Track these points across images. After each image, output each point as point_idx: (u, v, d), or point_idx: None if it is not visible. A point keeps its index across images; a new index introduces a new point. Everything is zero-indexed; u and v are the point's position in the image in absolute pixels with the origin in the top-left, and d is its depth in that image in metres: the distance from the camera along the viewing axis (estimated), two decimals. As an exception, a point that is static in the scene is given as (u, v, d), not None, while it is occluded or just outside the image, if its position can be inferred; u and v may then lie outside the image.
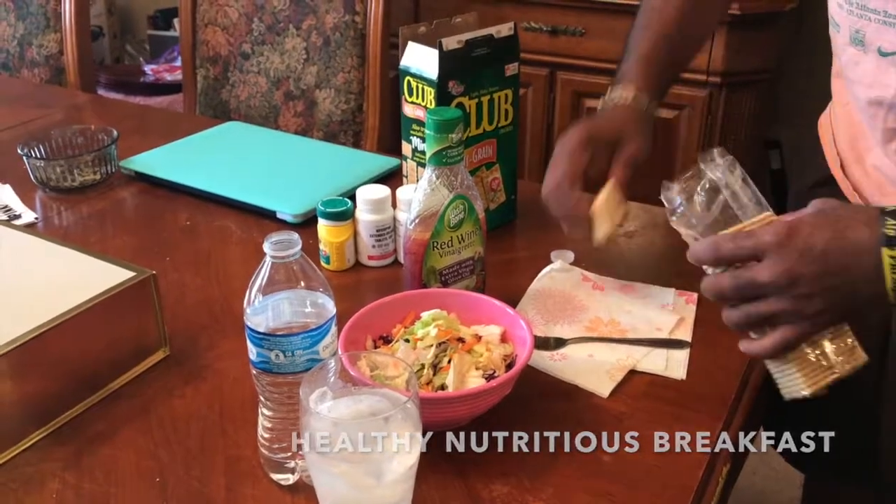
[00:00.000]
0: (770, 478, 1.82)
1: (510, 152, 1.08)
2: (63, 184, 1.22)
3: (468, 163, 1.04)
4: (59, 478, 0.71)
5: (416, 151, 1.03)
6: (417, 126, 1.02)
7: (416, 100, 1.01)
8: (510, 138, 1.07)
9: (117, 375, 0.82)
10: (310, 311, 0.66)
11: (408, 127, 1.04)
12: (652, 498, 0.68)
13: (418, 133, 1.02)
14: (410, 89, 1.01)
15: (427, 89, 0.99)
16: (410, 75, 1.00)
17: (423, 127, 1.00)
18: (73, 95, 1.75)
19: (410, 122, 1.03)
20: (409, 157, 1.05)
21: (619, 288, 0.96)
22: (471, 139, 1.02)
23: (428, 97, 0.99)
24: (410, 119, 1.03)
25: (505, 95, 1.04)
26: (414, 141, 1.03)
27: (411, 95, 1.01)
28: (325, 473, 0.55)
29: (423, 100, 1.00)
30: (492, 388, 0.73)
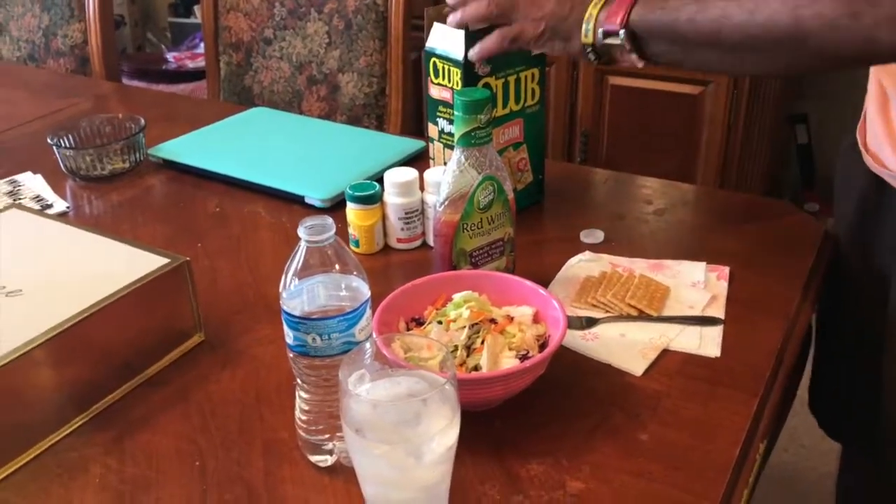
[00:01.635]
0: (800, 455, 1.81)
1: (537, 132, 1.07)
2: (93, 173, 1.23)
3: (495, 143, 1.03)
4: (101, 462, 0.73)
5: (443, 133, 1.03)
6: (444, 108, 1.01)
7: (443, 81, 1.00)
8: (537, 117, 1.06)
9: (154, 361, 0.83)
10: (344, 294, 0.67)
11: (434, 108, 1.03)
12: (691, 476, 0.68)
13: (445, 114, 1.02)
14: (437, 70, 1.01)
15: (453, 70, 0.98)
16: (436, 56, 1.00)
17: (449, 108, 1.00)
18: (99, 84, 1.76)
19: (437, 104, 1.02)
20: (435, 138, 1.05)
21: (649, 268, 0.96)
22: (498, 119, 1.02)
23: (454, 78, 0.98)
24: (437, 100, 1.02)
25: (532, 74, 1.03)
26: (440, 123, 1.03)
27: (437, 77, 1.01)
28: (365, 455, 0.56)
29: (449, 81, 0.99)
30: (526, 368, 0.73)
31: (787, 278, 0.93)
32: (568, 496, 0.67)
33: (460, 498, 0.66)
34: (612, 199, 1.17)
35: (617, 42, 0.84)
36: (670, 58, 0.83)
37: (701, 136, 1.94)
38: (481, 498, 0.67)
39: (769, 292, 0.91)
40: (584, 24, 0.86)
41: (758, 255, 0.97)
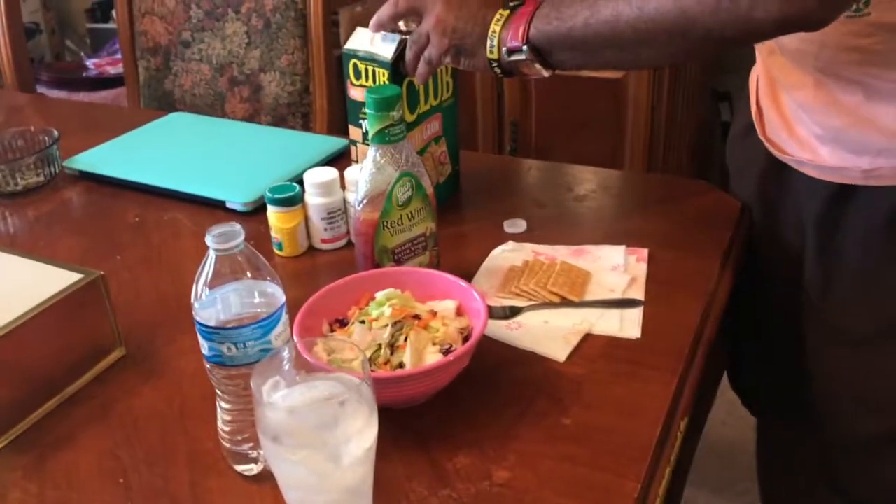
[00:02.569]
0: (739, 428, 1.85)
1: (453, 124, 1.08)
2: (6, 188, 1.20)
3: (419, 140, 1.03)
4: (20, 487, 0.71)
5: (367, 135, 1.02)
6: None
7: (365, 82, 0.99)
8: (452, 110, 1.07)
9: (74, 379, 0.82)
10: (259, 301, 0.66)
11: (356, 110, 1.02)
12: (614, 457, 0.69)
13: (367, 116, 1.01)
14: (357, 72, 1.00)
15: (379, 71, 0.97)
16: (358, 58, 0.99)
17: None
18: (12, 96, 1.71)
19: (359, 106, 1.01)
20: (358, 141, 1.04)
21: (570, 254, 0.97)
22: (421, 116, 1.02)
23: (380, 79, 0.98)
24: (358, 103, 1.01)
25: (446, 68, 1.03)
26: (364, 124, 1.02)
27: (358, 78, 1.00)
28: (284, 461, 0.55)
29: (373, 82, 0.99)
30: (448, 362, 0.73)
31: (705, 256, 0.95)
32: (494, 486, 0.67)
33: (386, 496, 0.66)
34: (534, 187, 1.18)
35: (522, 57, 0.85)
36: (574, 63, 0.85)
37: (626, 119, 1.97)
38: (409, 494, 0.67)
39: (687, 271, 0.93)
40: (489, 40, 0.87)
41: (676, 235, 0.99)
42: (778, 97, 0.93)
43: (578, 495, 0.66)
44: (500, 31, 0.86)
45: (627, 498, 0.66)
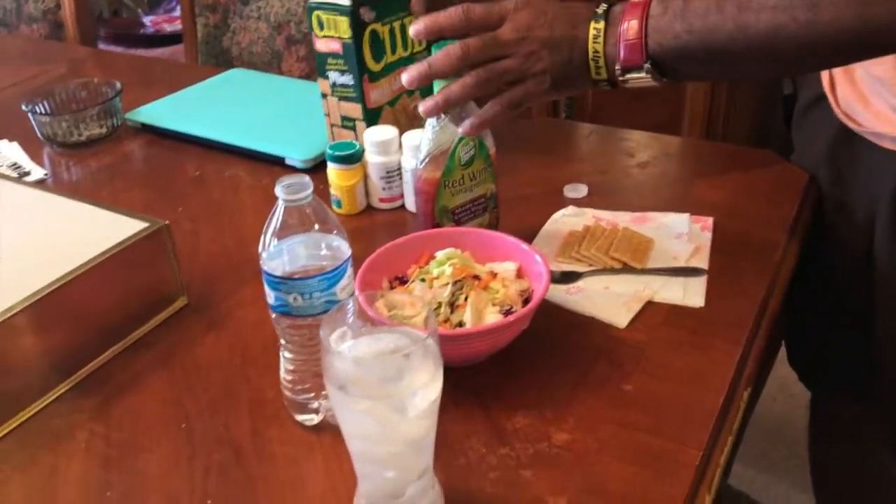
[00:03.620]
0: (789, 404, 1.83)
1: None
2: (70, 139, 1.21)
3: (388, 92, 1.03)
4: (87, 428, 0.73)
5: (336, 86, 1.02)
6: (334, 59, 1.00)
7: (329, 32, 0.98)
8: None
9: (138, 325, 0.83)
10: (325, 253, 0.66)
11: (323, 63, 1.01)
12: (676, 424, 0.68)
13: (335, 66, 1.00)
14: (321, 23, 0.98)
15: (339, 19, 0.97)
16: (320, 9, 0.98)
17: (338, 59, 0.99)
18: (74, 50, 1.73)
19: (325, 57, 1.00)
20: (328, 93, 1.03)
21: (632, 220, 0.95)
22: (388, 66, 1.02)
23: (342, 27, 0.97)
24: (325, 53, 1.00)
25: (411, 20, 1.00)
26: (331, 76, 1.01)
27: (322, 29, 0.99)
28: (350, 411, 0.56)
29: (336, 31, 0.98)
30: (510, 322, 0.73)
31: (771, 227, 0.93)
32: (553, 447, 0.67)
33: (446, 451, 0.67)
34: (595, 153, 1.16)
35: (640, 75, 0.76)
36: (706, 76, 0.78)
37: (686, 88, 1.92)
38: (467, 451, 0.67)
39: (753, 241, 0.91)
40: (591, 62, 0.77)
41: (742, 205, 0.97)
42: (852, 70, 0.90)
43: (639, 461, 0.66)
44: (602, 49, 0.75)
45: (688, 466, 0.65)
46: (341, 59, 0.99)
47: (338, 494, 0.64)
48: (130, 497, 0.65)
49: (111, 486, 0.66)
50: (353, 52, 0.98)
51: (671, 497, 0.62)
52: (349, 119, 1.03)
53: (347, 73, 1.00)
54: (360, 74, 0.99)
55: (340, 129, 1.05)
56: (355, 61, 0.98)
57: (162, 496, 0.65)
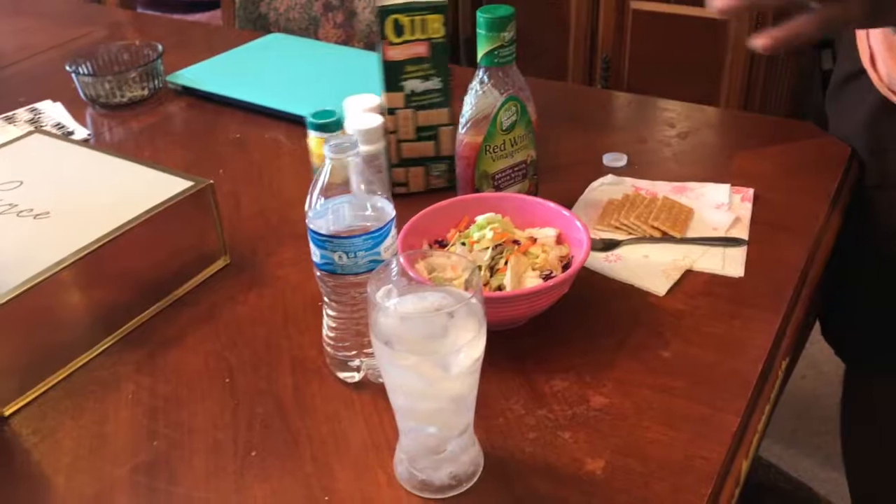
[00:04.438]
0: (819, 381, 1.82)
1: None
2: (112, 100, 1.23)
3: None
4: (133, 380, 0.74)
5: (415, 95, 0.92)
6: (414, 65, 0.91)
7: (413, 36, 0.89)
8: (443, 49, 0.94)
9: (181, 283, 0.85)
10: (370, 213, 0.67)
11: (396, 73, 0.91)
12: (714, 391, 0.69)
13: (416, 73, 0.91)
14: (400, 28, 0.88)
15: (431, 18, 0.88)
16: (401, 11, 0.88)
17: (422, 64, 0.90)
18: (113, 13, 1.75)
19: (401, 66, 0.91)
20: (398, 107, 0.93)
21: (672, 190, 0.95)
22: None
23: (433, 26, 0.89)
24: (401, 62, 0.90)
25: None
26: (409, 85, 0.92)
27: (400, 34, 0.89)
28: (394, 366, 0.57)
29: (424, 32, 0.89)
30: (549, 286, 0.73)
31: (811, 199, 0.92)
32: (591, 410, 0.68)
33: (485, 411, 0.67)
34: (634, 122, 1.15)
35: None
36: None
37: (724, 61, 1.90)
38: (506, 412, 0.68)
39: (793, 213, 0.90)
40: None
41: (782, 177, 0.97)
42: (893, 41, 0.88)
43: (676, 425, 0.66)
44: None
45: (726, 431, 0.65)
46: (427, 62, 0.90)
47: (378, 449, 0.65)
48: (177, 446, 0.67)
49: (158, 436, 0.68)
50: (446, 52, 0.90)
51: (709, 461, 0.63)
52: (430, 128, 0.94)
53: (434, 76, 0.91)
54: (447, 75, 0.92)
55: (414, 143, 0.95)
56: (446, 61, 0.91)
57: (208, 446, 0.67)
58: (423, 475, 0.61)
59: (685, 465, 0.63)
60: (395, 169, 0.96)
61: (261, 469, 0.64)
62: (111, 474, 0.65)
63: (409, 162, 0.97)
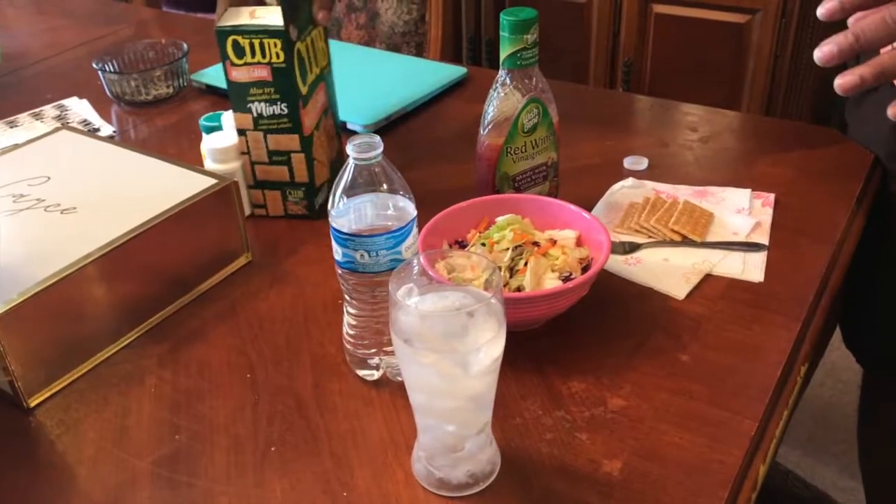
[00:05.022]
0: (838, 390, 1.81)
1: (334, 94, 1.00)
2: (137, 98, 1.24)
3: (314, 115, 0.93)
4: (155, 374, 0.75)
5: (262, 118, 0.90)
6: (258, 88, 0.88)
7: (254, 59, 0.87)
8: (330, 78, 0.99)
9: (204, 279, 0.86)
10: (391, 213, 0.67)
11: (242, 94, 0.89)
12: (732, 396, 0.69)
13: (260, 96, 0.89)
14: (240, 50, 0.86)
15: (269, 42, 0.86)
16: (238, 33, 0.86)
17: (266, 88, 0.88)
18: (139, 11, 1.76)
19: (246, 87, 0.89)
20: (248, 128, 0.91)
21: (693, 194, 0.95)
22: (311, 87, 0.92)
23: (273, 51, 0.86)
24: (246, 84, 0.89)
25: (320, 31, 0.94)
26: (256, 107, 0.90)
27: (241, 56, 0.87)
28: (414, 364, 0.57)
29: (264, 56, 0.87)
30: (569, 288, 0.73)
31: (833, 205, 0.92)
32: (608, 412, 0.68)
33: (503, 412, 0.68)
34: (655, 126, 1.15)
35: None
36: None
37: (747, 65, 1.89)
38: (523, 412, 0.68)
39: (815, 218, 0.90)
40: None
41: (804, 182, 0.96)
42: None
43: (694, 429, 0.66)
44: None
45: (744, 436, 0.65)
46: (271, 86, 0.88)
47: (397, 446, 0.66)
48: (198, 440, 0.68)
49: (179, 430, 0.69)
50: (289, 77, 0.87)
51: (726, 465, 0.63)
52: (281, 153, 0.92)
53: (280, 101, 0.88)
54: (295, 101, 0.89)
55: (268, 166, 0.93)
56: (290, 87, 0.88)
57: (228, 440, 0.67)
58: (440, 473, 0.62)
59: (702, 468, 0.63)
60: (252, 190, 0.95)
61: (280, 464, 0.65)
62: (133, 466, 0.66)
63: (265, 185, 0.94)
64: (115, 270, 0.78)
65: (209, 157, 0.93)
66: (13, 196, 0.85)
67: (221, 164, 0.93)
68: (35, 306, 0.71)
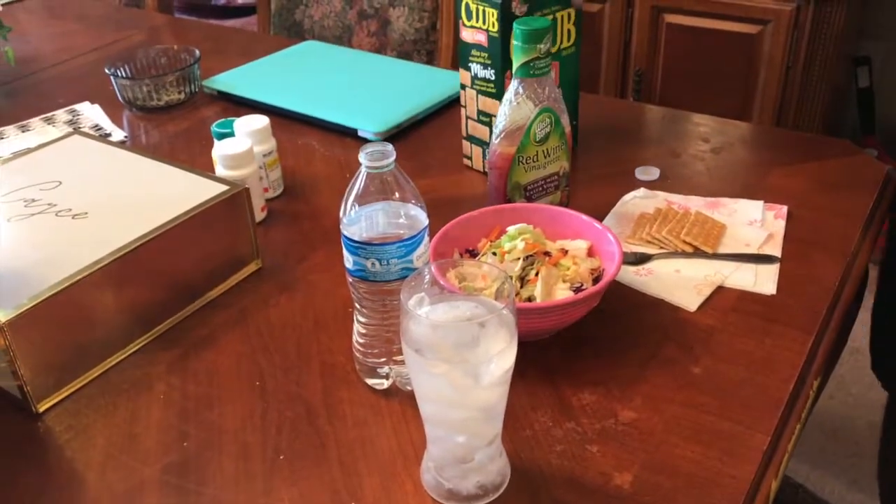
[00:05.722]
0: (847, 404, 1.80)
1: (573, 76, 1.03)
2: (149, 103, 1.25)
3: None
4: (164, 380, 0.75)
5: (476, 79, 1.00)
6: (477, 51, 0.98)
7: (476, 23, 0.97)
8: (572, 60, 1.02)
9: (214, 285, 0.86)
10: (403, 221, 0.67)
11: (466, 53, 1.00)
12: (744, 409, 0.68)
13: (478, 59, 0.98)
14: (469, 13, 0.97)
15: (489, 11, 0.94)
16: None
17: (483, 52, 0.97)
18: (152, 17, 1.77)
19: (470, 48, 0.99)
20: (467, 85, 1.02)
21: (705, 205, 0.95)
22: None
23: (490, 19, 0.95)
24: (470, 45, 0.99)
25: (568, 14, 0.99)
26: (473, 67, 0.99)
27: (470, 19, 0.97)
28: (425, 374, 0.57)
29: (483, 23, 0.96)
30: (580, 299, 0.73)
31: (846, 218, 0.91)
32: (619, 425, 0.68)
33: (513, 423, 0.68)
34: (667, 136, 1.15)
35: None
36: None
37: (758, 76, 1.89)
38: (533, 423, 0.68)
39: (827, 231, 0.89)
40: None
41: (817, 195, 0.96)
42: None
43: (706, 442, 0.66)
44: None
45: (756, 450, 0.65)
46: (486, 51, 0.96)
47: (406, 456, 0.65)
48: (207, 447, 0.67)
49: (188, 437, 0.69)
50: (500, 47, 0.95)
51: (737, 479, 0.62)
52: (486, 114, 1.00)
53: (490, 67, 0.97)
54: (503, 70, 0.96)
55: (476, 122, 1.03)
56: (500, 57, 0.95)
57: (237, 448, 0.67)
58: (450, 484, 0.61)
59: (713, 482, 0.62)
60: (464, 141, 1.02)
61: (289, 472, 0.65)
62: (142, 473, 0.66)
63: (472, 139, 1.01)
64: (126, 276, 0.78)
65: (220, 163, 0.93)
66: (24, 200, 0.86)
67: (233, 170, 0.93)
68: (45, 311, 0.71)
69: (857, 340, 1.97)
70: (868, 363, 1.12)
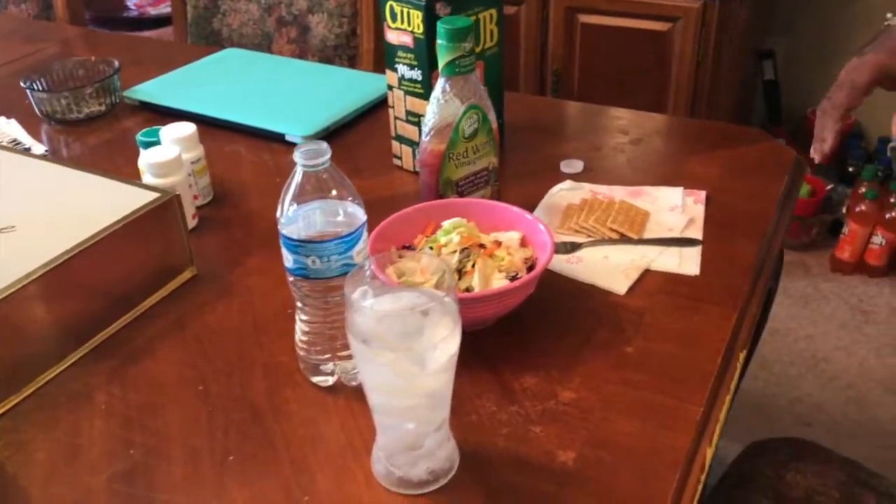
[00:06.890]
0: (770, 381, 1.88)
1: (497, 75, 1.04)
2: (69, 116, 1.22)
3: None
4: (104, 391, 0.74)
5: (403, 79, 1.01)
6: (403, 52, 0.99)
7: (401, 25, 0.98)
8: (496, 60, 1.03)
9: (149, 294, 0.85)
10: (341, 219, 0.68)
11: (392, 54, 1.01)
12: (676, 383, 0.72)
13: (404, 60, 0.99)
14: (394, 14, 0.98)
15: (414, 12, 0.95)
16: (394, 0, 0.97)
17: (409, 53, 0.98)
18: (64, 29, 1.73)
19: (395, 50, 1.00)
20: (395, 85, 1.03)
21: (628, 194, 0.98)
22: None
23: (415, 21, 0.96)
24: (395, 46, 1.00)
25: (490, 15, 0.99)
26: (400, 69, 1.01)
27: (395, 21, 0.98)
28: (372, 364, 0.58)
29: (409, 24, 0.97)
30: (517, 286, 0.75)
31: (761, 201, 0.96)
32: (560, 405, 0.70)
33: (459, 409, 0.69)
34: (588, 130, 1.19)
35: None
36: None
37: (670, 71, 1.96)
38: (479, 409, 0.70)
39: (744, 214, 0.94)
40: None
41: (733, 180, 1.01)
42: None
43: (642, 416, 0.69)
44: None
45: (690, 420, 0.68)
46: (412, 53, 0.98)
47: (355, 449, 0.66)
48: (154, 453, 0.67)
49: (134, 444, 0.68)
50: (425, 48, 0.96)
51: (674, 449, 0.65)
52: (414, 115, 1.02)
53: (417, 68, 0.98)
54: (429, 71, 0.97)
55: (404, 122, 1.04)
56: (426, 57, 0.96)
57: (185, 452, 0.67)
58: (400, 472, 0.63)
59: (652, 453, 0.65)
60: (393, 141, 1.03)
61: (240, 473, 0.65)
62: (88, 483, 0.65)
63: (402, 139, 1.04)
64: (58, 289, 0.77)
65: (149, 171, 0.92)
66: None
67: (162, 178, 0.92)
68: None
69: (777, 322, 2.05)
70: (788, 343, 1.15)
